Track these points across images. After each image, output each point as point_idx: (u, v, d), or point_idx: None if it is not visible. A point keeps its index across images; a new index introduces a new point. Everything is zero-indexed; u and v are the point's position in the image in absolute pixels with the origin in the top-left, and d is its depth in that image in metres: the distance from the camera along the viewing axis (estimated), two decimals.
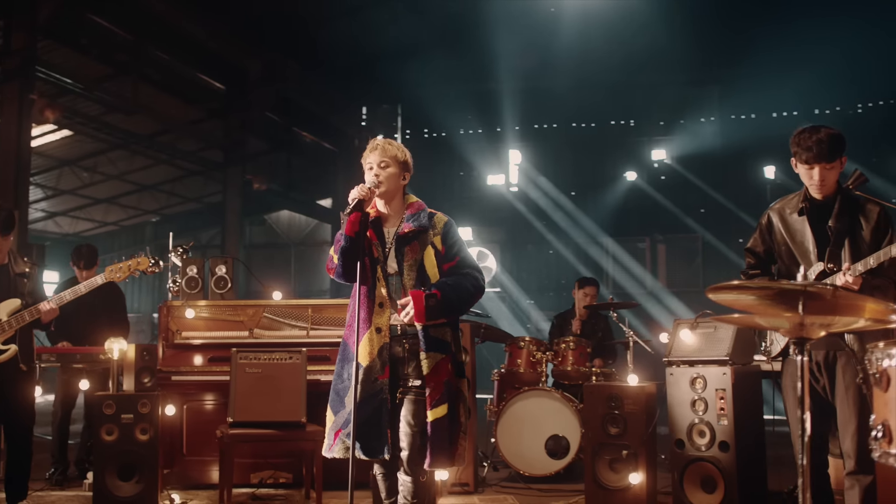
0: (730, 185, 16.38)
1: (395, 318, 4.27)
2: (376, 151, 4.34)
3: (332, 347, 6.56)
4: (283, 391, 5.92)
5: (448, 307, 4.22)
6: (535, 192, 16.96)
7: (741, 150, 16.11)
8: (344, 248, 4.23)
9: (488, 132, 17.33)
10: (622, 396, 5.64)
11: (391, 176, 4.35)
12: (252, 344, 6.55)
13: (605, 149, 17.05)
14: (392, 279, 4.28)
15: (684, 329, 5.45)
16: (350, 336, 4.38)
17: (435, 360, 4.24)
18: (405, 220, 4.34)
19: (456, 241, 4.39)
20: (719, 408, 5.15)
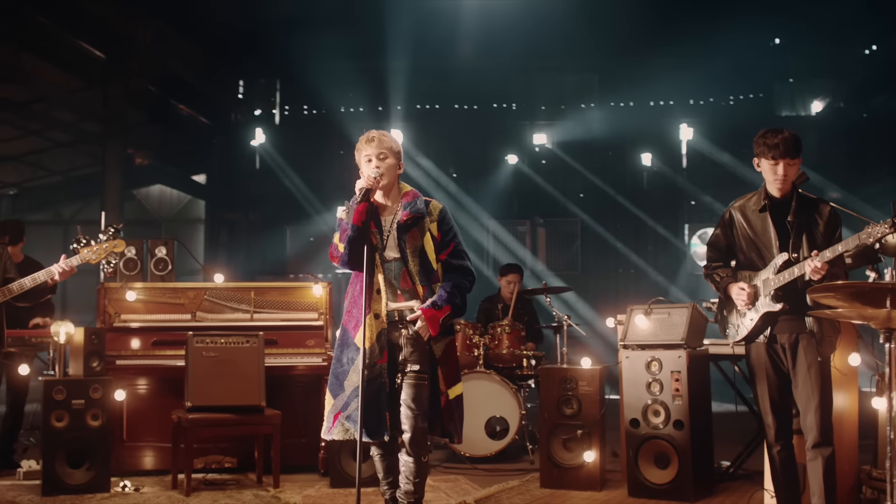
0: (608, 171, 17.10)
1: (393, 303, 4.52)
2: (373, 143, 4.59)
3: (278, 331, 6.74)
4: (240, 375, 6.07)
5: (457, 314, 4.55)
6: (417, 173, 17.18)
7: (620, 137, 16.83)
8: (351, 237, 4.45)
9: (370, 111, 17.45)
10: (577, 378, 6.07)
11: (390, 167, 4.63)
12: (205, 327, 6.62)
13: (487, 132, 17.47)
14: (390, 266, 4.53)
15: (639, 315, 5.91)
16: (349, 321, 4.61)
17: (444, 343, 4.54)
18: (402, 207, 4.59)
19: (451, 227, 4.69)
20: (674, 388, 5.63)
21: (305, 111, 17.90)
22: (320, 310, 6.93)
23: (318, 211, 17.10)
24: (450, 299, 4.52)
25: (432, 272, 4.60)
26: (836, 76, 16.43)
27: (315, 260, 17.40)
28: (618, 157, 17.21)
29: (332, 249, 4.63)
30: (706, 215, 16.78)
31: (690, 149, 16.93)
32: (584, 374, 6.06)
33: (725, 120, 16.60)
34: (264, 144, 17.47)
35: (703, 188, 16.77)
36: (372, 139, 4.61)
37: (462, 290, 4.61)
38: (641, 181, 17.22)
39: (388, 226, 4.61)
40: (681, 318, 5.76)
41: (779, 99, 17.13)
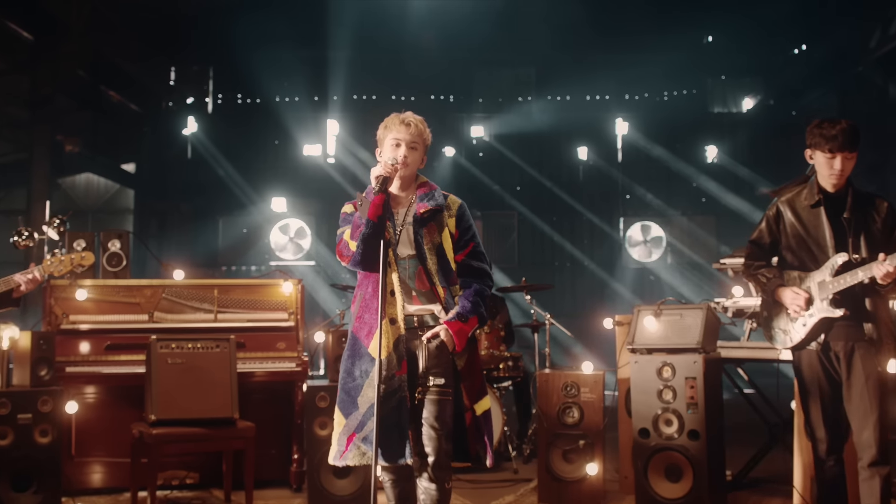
0: (545, 165, 16.60)
1: (410, 306, 3.82)
2: (409, 129, 3.90)
3: (245, 333, 5.94)
4: (210, 384, 5.28)
5: (481, 325, 3.94)
6: (354, 164, 16.42)
7: (556, 131, 16.34)
8: (366, 234, 3.74)
9: (306, 100, 16.59)
10: (578, 384, 5.42)
11: (417, 159, 3.93)
12: (165, 329, 5.77)
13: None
14: (404, 264, 3.83)
15: (648, 316, 5.28)
16: (361, 328, 3.89)
17: (467, 353, 3.85)
18: (419, 199, 3.90)
19: (470, 225, 4.01)
20: (689, 396, 5.01)
21: (239, 100, 16.95)
22: (290, 309, 6.15)
23: (252, 202, 16.23)
24: (475, 309, 3.85)
25: (450, 272, 3.91)
26: (767, 74, 16.19)
27: (249, 252, 16.52)
28: (554, 150, 16.69)
29: (342, 247, 3.89)
30: (641, 209, 16.41)
31: (626, 143, 16.52)
32: (587, 379, 5.42)
33: (659, 115, 16.25)
34: (196, 133, 16.49)
35: (638, 182, 16.37)
36: (408, 123, 3.89)
37: (485, 298, 3.94)
38: (578, 174, 16.75)
39: (401, 219, 3.91)
40: (695, 319, 5.15)
41: (711, 95, 16.84)
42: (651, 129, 16.26)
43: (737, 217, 15.81)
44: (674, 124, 16.19)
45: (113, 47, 14.37)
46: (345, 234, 3.89)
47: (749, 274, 4.34)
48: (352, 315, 3.97)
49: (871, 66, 12.31)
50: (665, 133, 16.20)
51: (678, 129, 16.23)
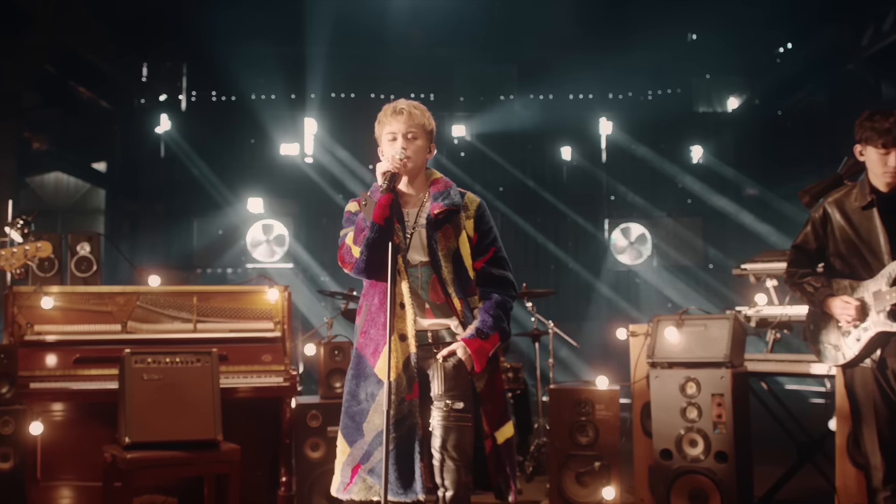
0: (528, 164, 16.16)
1: (422, 320, 3.34)
2: (401, 118, 3.41)
3: (227, 345, 5.42)
4: (190, 403, 4.76)
5: (504, 341, 3.48)
6: (332, 164, 15.91)
7: (539, 130, 15.91)
8: (372, 238, 3.25)
9: (283, 98, 16.04)
10: (593, 401, 4.96)
11: (419, 150, 3.46)
12: (139, 340, 5.25)
13: None
14: (416, 272, 3.35)
15: (669, 327, 4.83)
16: (366, 345, 3.41)
17: (487, 374, 3.38)
18: (432, 198, 3.42)
19: (490, 227, 3.54)
20: (716, 414, 4.58)
21: (214, 97, 16.33)
22: (276, 318, 5.64)
23: (227, 202, 15.65)
24: (496, 324, 3.37)
25: (468, 282, 3.43)
26: (753, 73, 15.83)
27: (225, 254, 15.94)
28: (538, 150, 16.24)
29: (344, 253, 3.40)
30: (625, 210, 16.00)
31: (610, 143, 16.12)
32: (602, 396, 4.96)
33: (644, 114, 15.86)
34: (170, 131, 15.89)
35: (623, 182, 15.97)
36: (400, 111, 3.41)
37: (507, 310, 3.47)
38: (561, 175, 16.32)
39: (411, 221, 3.43)
40: (721, 330, 4.70)
41: (696, 94, 16.44)
42: (635, 129, 15.87)
43: (723, 218, 15.48)
44: (658, 124, 15.81)
45: (82, 41, 13.75)
46: (347, 236, 3.41)
47: (793, 283, 3.89)
48: (356, 329, 3.49)
49: (862, 64, 11.94)
50: (650, 133, 15.82)
51: (663, 128, 15.86)
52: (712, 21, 14.33)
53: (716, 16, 14.11)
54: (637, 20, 14.13)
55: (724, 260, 15.54)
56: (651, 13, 14.15)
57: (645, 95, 16.26)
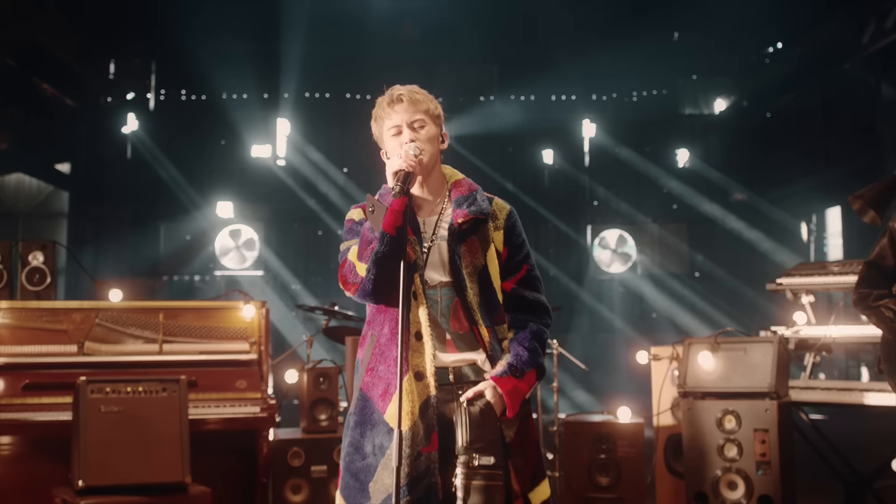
0: (508, 168, 15.59)
1: (443, 355, 2.71)
2: (401, 106, 2.78)
3: (196, 369, 4.75)
4: (154, 439, 4.11)
5: (540, 379, 2.83)
6: (305, 166, 15.26)
7: (520, 132, 15.36)
8: (382, 252, 2.60)
9: (255, 98, 15.36)
10: (614, 437, 4.34)
11: (431, 139, 2.82)
12: (99, 364, 4.57)
13: None
14: (435, 295, 2.71)
15: (702, 351, 4.22)
16: (374, 385, 2.75)
17: (519, 422, 2.74)
18: (454, 204, 2.78)
19: (523, 241, 2.90)
20: (760, 453, 3.98)
21: (184, 96, 15.62)
22: (252, 338, 4.99)
23: (196, 206, 14.98)
24: (532, 359, 2.74)
25: (497, 307, 2.80)
26: (740, 74, 15.35)
27: (193, 260, 15.23)
28: (518, 152, 15.70)
29: (346, 272, 2.75)
30: (609, 216, 15.46)
31: (593, 146, 15.58)
32: (625, 430, 4.35)
33: (628, 116, 15.35)
34: (137, 132, 15.18)
35: (606, 187, 15.44)
36: (398, 99, 2.78)
37: (544, 342, 2.83)
38: (543, 179, 15.78)
39: (429, 232, 2.78)
40: (764, 356, 4.11)
41: (682, 96, 15.95)
42: (619, 132, 15.36)
43: (710, 224, 15.03)
44: (643, 126, 15.32)
45: (46, 35, 13.02)
46: (350, 251, 2.75)
47: (866, 306, 3.29)
48: (359, 365, 2.84)
49: (861, 64, 11.46)
50: (634, 135, 15.31)
51: (648, 131, 15.37)
52: (699, 20, 13.85)
53: (702, 15, 13.63)
54: (621, 19, 13.68)
55: (710, 267, 15.10)
56: (636, 12, 13.70)
57: (629, 97, 15.77)
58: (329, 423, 4.87)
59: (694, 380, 4.20)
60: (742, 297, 14.39)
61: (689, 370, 4.23)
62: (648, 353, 4.70)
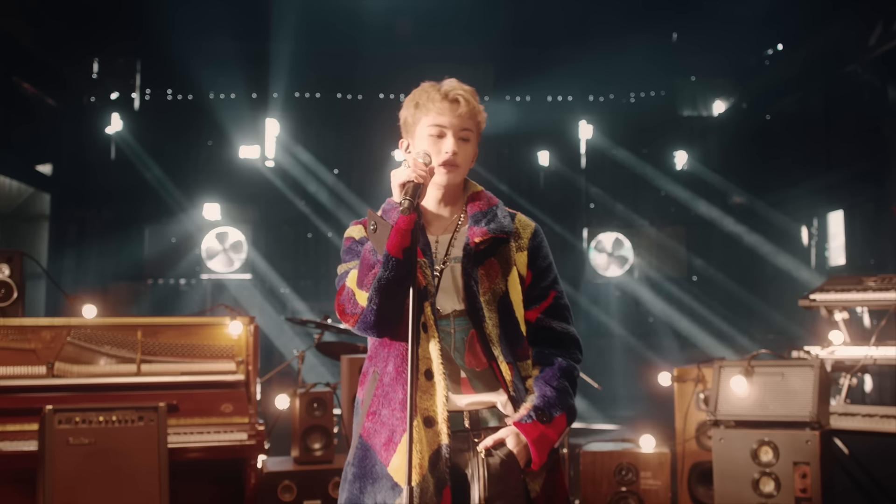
0: (504, 170, 15.25)
1: (456, 396, 2.31)
2: (457, 109, 2.41)
3: (178, 391, 4.34)
4: (129, 474, 3.71)
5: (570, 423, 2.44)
6: (295, 167, 14.88)
7: (515, 134, 15.00)
8: (387, 278, 2.21)
9: (243, 97, 14.96)
10: (637, 466, 3.96)
11: (470, 155, 2.42)
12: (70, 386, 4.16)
13: (372, 124, 15.21)
14: (447, 326, 2.32)
15: (736, 376, 3.83)
16: (376, 433, 2.35)
17: (545, 473, 2.34)
18: (471, 220, 2.38)
19: (550, 264, 2.50)
20: (799, 488, 3.60)
21: (169, 95, 15.22)
22: (239, 357, 4.59)
23: (182, 208, 14.61)
24: (562, 400, 2.34)
25: (520, 339, 2.40)
26: (740, 75, 15.03)
27: (179, 264, 14.82)
28: (513, 154, 15.39)
29: (344, 300, 2.34)
30: (606, 219, 15.13)
31: (590, 148, 15.26)
32: (650, 460, 3.97)
33: (626, 118, 15.04)
34: (121, 132, 14.79)
35: (603, 189, 15.10)
36: (455, 100, 2.40)
37: (575, 381, 2.43)
38: (538, 181, 15.45)
39: (441, 252, 2.38)
40: (803, 381, 3.74)
41: (680, 98, 15.64)
42: (617, 133, 15.06)
43: (708, 227, 14.71)
44: (641, 128, 15.03)
45: (27, 33, 12.61)
46: (349, 277, 2.34)
47: None
48: (358, 407, 2.44)
49: (867, 66, 11.12)
50: (631, 137, 15.00)
51: (645, 133, 15.07)
52: (697, 20, 13.54)
53: (701, 15, 13.32)
54: (619, 19, 13.36)
55: (708, 271, 14.81)
56: (633, 12, 13.38)
57: (627, 98, 15.45)
58: (324, 452, 4.47)
59: (726, 407, 3.82)
60: (740, 301, 14.15)
61: (721, 396, 3.85)
62: (671, 374, 4.33)
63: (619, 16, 13.31)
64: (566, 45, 13.90)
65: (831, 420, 3.99)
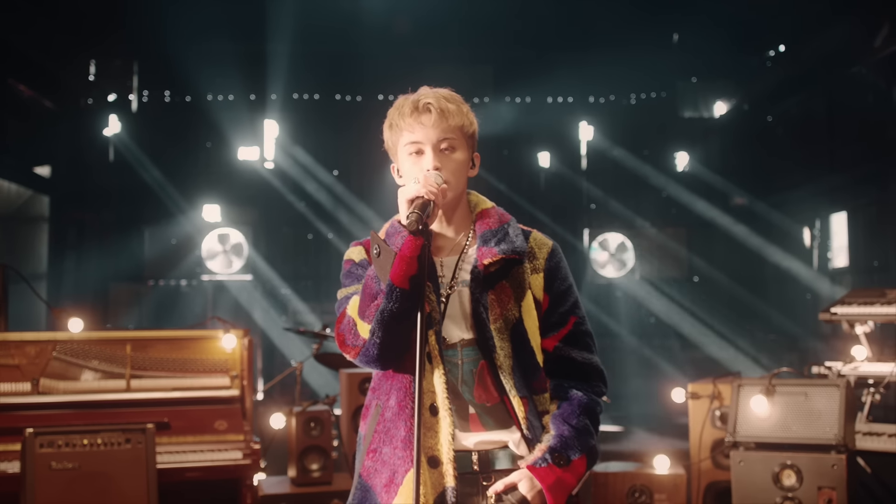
0: (504, 171, 15.03)
1: (464, 435, 2.07)
2: (428, 119, 2.16)
3: (170, 408, 4.11)
4: (115, 499, 3.46)
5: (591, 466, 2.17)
6: (294, 169, 14.70)
7: (516, 135, 14.84)
8: (391, 311, 1.97)
9: (242, 99, 14.77)
10: (651, 489, 3.73)
11: (460, 168, 2.19)
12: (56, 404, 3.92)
13: (371, 126, 14.87)
14: (454, 356, 2.08)
15: (756, 395, 3.60)
16: (376, 472, 2.12)
17: None
18: (480, 239, 2.14)
19: (570, 286, 2.26)
20: None
21: (167, 97, 15.06)
22: (233, 371, 4.37)
23: (182, 210, 14.46)
24: (582, 441, 2.11)
25: (536, 371, 2.16)
26: (742, 77, 14.83)
27: (178, 265, 14.64)
28: (514, 155, 15.21)
29: (344, 329, 2.11)
30: (607, 220, 14.94)
31: (591, 149, 15.08)
32: (664, 482, 3.76)
33: (626, 119, 14.87)
34: (119, 134, 14.63)
35: (604, 191, 14.91)
36: (425, 108, 2.15)
37: (597, 417, 2.18)
38: (539, 182, 15.28)
39: (448, 275, 2.13)
40: (829, 401, 3.52)
41: (682, 99, 15.45)
42: (618, 135, 14.90)
43: (709, 229, 14.52)
44: (642, 129, 14.89)
45: (24, 35, 12.43)
46: (350, 304, 2.10)
47: None
48: (360, 443, 2.20)
49: (872, 67, 10.91)
50: (632, 139, 14.85)
51: (646, 134, 14.91)
52: (699, 21, 13.33)
53: (703, 16, 13.12)
54: (620, 20, 13.18)
55: (709, 272, 14.62)
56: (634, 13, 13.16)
57: (628, 99, 15.29)
58: (322, 473, 4.26)
59: (746, 427, 3.59)
60: (742, 302, 13.99)
61: (741, 416, 3.62)
62: (686, 390, 4.10)
63: (620, 17, 13.13)
64: (566, 46, 13.70)
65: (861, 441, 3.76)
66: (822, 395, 3.53)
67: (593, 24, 13.38)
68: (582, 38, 13.41)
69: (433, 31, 13.79)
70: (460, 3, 13.38)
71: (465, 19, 13.69)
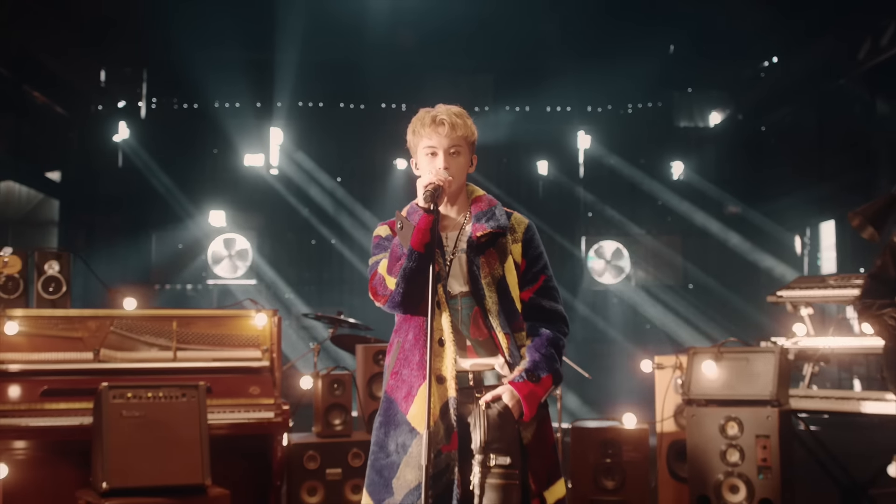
0: (502, 178, 15.78)
1: (463, 360, 2.95)
2: (442, 130, 3.04)
3: (210, 375, 4.95)
4: (174, 443, 4.32)
5: (557, 385, 3.06)
6: (299, 176, 15.44)
7: (514, 143, 15.57)
8: (410, 268, 2.87)
9: (248, 106, 15.51)
10: (619, 442, 4.57)
11: (461, 167, 3.09)
12: (114, 370, 4.76)
13: (374, 133, 15.81)
14: (455, 304, 2.96)
15: (706, 360, 4.46)
16: (398, 388, 3.00)
17: (535, 424, 2.97)
18: (474, 218, 3.04)
19: (541, 253, 3.15)
20: (761, 458, 4.22)
21: (175, 104, 15.79)
22: (263, 345, 5.19)
23: (189, 215, 15.12)
24: (548, 364, 2.98)
25: (515, 315, 3.04)
26: (736, 87, 15.61)
27: (185, 270, 15.37)
28: (512, 163, 15.95)
29: (376, 284, 2.99)
30: (603, 227, 15.67)
31: (588, 157, 15.80)
32: (630, 436, 4.59)
33: (623, 128, 15.58)
34: (128, 140, 15.32)
35: (601, 199, 15.66)
36: (440, 122, 3.02)
37: (560, 349, 3.08)
38: (537, 190, 16.00)
39: (451, 245, 3.02)
40: (766, 365, 4.36)
41: (677, 109, 16.20)
42: (615, 144, 15.60)
43: (704, 236, 15.25)
44: (638, 138, 15.58)
45: (38, 43, 13.16)
46: (380, 265, 2.99)
47: (871, 315, 3.55)
48: (386, 370, 3.08)
49: (857, 80, 11.75)
50: (629, 148, 15.55)
51: (643, 143, 15.62)
52: (694, 33, 14.08)
53: (698, 28, 13.87)
54: (617, 31, 13.88)
55: (704, 279, 15.30)
56: (632, 24, 13.91)
57: (625, 109, 16.00)
58: (343, 427, 5.09)
59: (698, 388, 4.43)
60: (735, 308, 14.57)
61: (694, 378, 4.46)
62: (652, 361, 4.94)
63: (617, 29, 13.81)
64: (565, 56, 14.34)
65: (793, 401, 4.60)
66: (760, 361, 4.37)
67: (591, 35, 14.06)
68: (580, 50, 14.10)
69: (435, 42, 14.45)
70: (462, 16, 14.08)
71: (467, 30, 14.39)
